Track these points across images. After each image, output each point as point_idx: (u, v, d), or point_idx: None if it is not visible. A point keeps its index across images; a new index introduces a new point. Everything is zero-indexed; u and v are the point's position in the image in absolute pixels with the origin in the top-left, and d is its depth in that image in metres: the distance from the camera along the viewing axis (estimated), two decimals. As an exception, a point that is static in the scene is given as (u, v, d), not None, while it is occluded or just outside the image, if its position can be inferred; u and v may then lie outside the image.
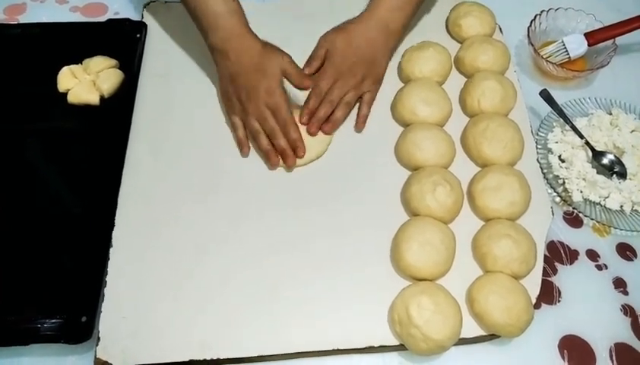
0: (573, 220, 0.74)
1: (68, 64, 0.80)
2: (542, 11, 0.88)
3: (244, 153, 0.74)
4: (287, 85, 0.76)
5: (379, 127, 0.78)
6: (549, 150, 0.78)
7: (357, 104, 0.79)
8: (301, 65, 0.78)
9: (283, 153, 0.72)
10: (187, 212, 0.69)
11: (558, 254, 0.70)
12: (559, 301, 0.67)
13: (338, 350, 0.61)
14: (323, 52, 0.77)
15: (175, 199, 0.70)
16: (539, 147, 0.77)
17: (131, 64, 0.81)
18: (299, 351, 0.61)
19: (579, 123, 0.79)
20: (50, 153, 0.75)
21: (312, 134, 0.74)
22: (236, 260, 0.66)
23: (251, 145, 0.75)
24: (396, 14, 0.78)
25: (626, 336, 0.65)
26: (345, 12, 0.81)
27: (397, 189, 0.72)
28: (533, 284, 0.65)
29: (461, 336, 0.61)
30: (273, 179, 0.73)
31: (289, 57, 0.74)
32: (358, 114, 0.77)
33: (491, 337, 0.63)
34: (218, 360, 0.60)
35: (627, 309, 0.67)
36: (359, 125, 0.77)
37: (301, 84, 0.75)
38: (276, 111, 0.72)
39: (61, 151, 0.75)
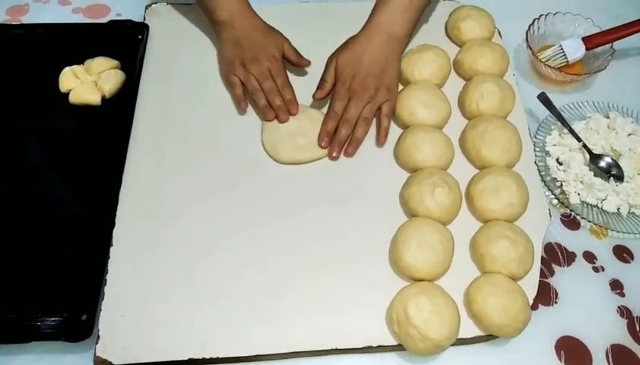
0: (570, 223, 0.74)
1: (70, 64, 0.81)
2: (540, 15, 0.89)
3: (242, 108, 0.78)
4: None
5: (379, 129, 0.79)
6: (547, 153, 0.78)
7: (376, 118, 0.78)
8: (297, 69, 0.80)
9: (278, 109, 0.77)
10: (187, 212, 0.70)
11: (555, 256, 0.71)
12: (556, 302, 0.67)
13: (337, 349, 0.61)
14: (332, 73, 0.76)
15: (175, 199, 0.71)
16: (537, 149, 0.78)
17: (132, 65, 0.82)
18: (298, 351, 0.61)
19: (577, 126, 0.79)
20: (51, 152, 0.75)
21: (334, 158, 0.74)
22: (235, 259, 0.66)
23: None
24: (397, 21, 0.77)
25: (622, 337, 0.65)
26: (345, 16, 0.82)
27: (396, 190, 0.73)
28: (530, 285, 0.66)
29: (459, 336, 0.61)
30: (273, 180, 0.73)
31: (289, 40, 0.81)
32: (378, 127, 0.76)
33: (488, 337, 0.63)
34: (217, 358, 0.60)
35: (623, 311, 0.67)
36: (381, 139, 0.75)
37: (299, 61, 0.81)
38: (276, 75, 0.77)
39: (62, 151, 0.75)
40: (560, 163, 0.78)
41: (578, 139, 0.77)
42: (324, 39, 0.80)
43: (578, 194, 0.75)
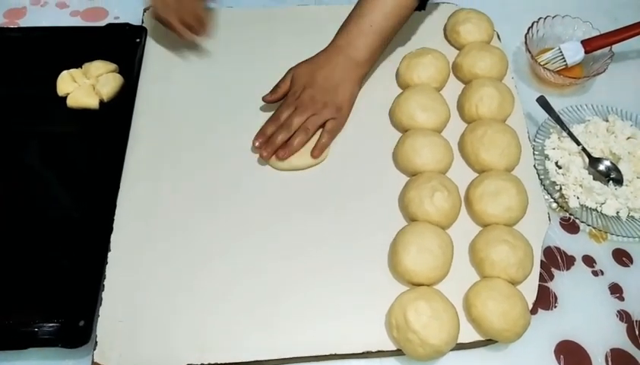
0: (569, 226, 0.74)
1: (68, 68, 0.80)
2: (539, 19, 0.89)
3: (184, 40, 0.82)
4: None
5: (378, 133, 0.78)
6: (546, 157, 0.78)
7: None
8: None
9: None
10: (185, 217, 0.70)
11: (554, 260, 0.71)
12: (555, 306, 0.67)
13: (336, 355, 0.61)
14: (287, 82, 0.77)
15: (173, 204, 0.71)
16: (536, 153, 0.78)
17: (130, 68, 0.82)
18: (297, 356, 0.61)
19: (576, 130, 0.79)
20: (49, 156, 0.75)
21: (264, 158, 0.73)
22: (233, 265, 0.66)
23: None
24: (356, 45, 0.77)
25: (622, 342, 0.65)
26: (343, 20, 0.81)
27: (395, 194, 0.73)
28: (529, 290, 0.65)
29: (458, 341, 0.61)
30: (271, 185, 0.73)
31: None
32: (317, 142, 0.75)
33: (488, 342, 0.63)
34: (216, 364, 0.60)
35: (623, 315, 0.67)
36: (315, 153, 0.74)
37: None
38: None
39: (60, 155, 0.75)
40: (559, 167, 0.77)
41: (577, 143, 0.77)
42: (322, 42, 0.80)
43: (578, 197, 0.74)
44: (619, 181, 0.75)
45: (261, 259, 0.67)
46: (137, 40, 0.85)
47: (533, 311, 0.65)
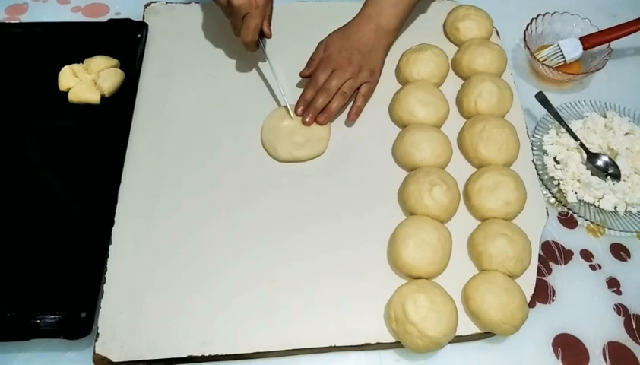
0: (568, 221, 0.75)
1: (69, 63, 0.81)
2: (538, 15, 0.89)
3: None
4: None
5: (377, 127, 0.79)
6: (545, 152, 0.79)
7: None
8: (296, 68, 0.80)
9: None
10: (186, 210, 0.70)
11: (552, 254, 0.71)
12: (553, 300, 0.68)
13: (335, 347, 0.62)
14: (321, 52, 0.78)
15: (173, 197, 0.71)
16: (534, 148, 0.78)
17: (131, 63, 0.82)
18: (297, 348, 0.61)
19: (574, 125, 0.80)
20: (51, 151, 0.75)
21: (306, 124, 0.74)
22: (234, 257, 0.67)
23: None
24: (386, 14, 0.79)
25: (619, 335, 0.66)
26: (343, 16, 0.82)
27: (394, 189, 0.73)
28: (527, 283, 0.66)
29: (457, 334, 0.62)
30: (271, 178, 0.73)
31: None
32: (352, 106, 0.77)
33: (486, 335, 0.64)
34: (217, 356, 0.60)
35: (620, 309, 0.67)
36: (352, 117, 0.77)
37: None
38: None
39: (61, 150, 0.75)
40: (557, 162, 0.78)
41: (576, 138, 0.78)
42: (322, 38, 0.81)
43: (576, 192, 0.75)
44: (616, 176, 0.75)
45: (261, 252, 0.67)
46: (139, 36, 0.85)
47: (532, 304, 0.66)
